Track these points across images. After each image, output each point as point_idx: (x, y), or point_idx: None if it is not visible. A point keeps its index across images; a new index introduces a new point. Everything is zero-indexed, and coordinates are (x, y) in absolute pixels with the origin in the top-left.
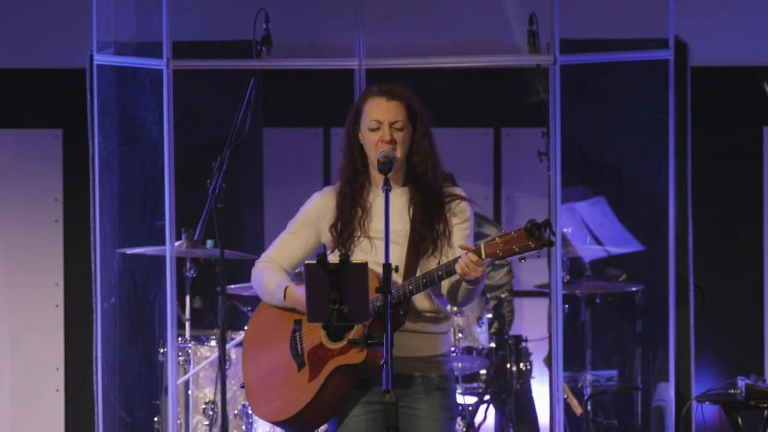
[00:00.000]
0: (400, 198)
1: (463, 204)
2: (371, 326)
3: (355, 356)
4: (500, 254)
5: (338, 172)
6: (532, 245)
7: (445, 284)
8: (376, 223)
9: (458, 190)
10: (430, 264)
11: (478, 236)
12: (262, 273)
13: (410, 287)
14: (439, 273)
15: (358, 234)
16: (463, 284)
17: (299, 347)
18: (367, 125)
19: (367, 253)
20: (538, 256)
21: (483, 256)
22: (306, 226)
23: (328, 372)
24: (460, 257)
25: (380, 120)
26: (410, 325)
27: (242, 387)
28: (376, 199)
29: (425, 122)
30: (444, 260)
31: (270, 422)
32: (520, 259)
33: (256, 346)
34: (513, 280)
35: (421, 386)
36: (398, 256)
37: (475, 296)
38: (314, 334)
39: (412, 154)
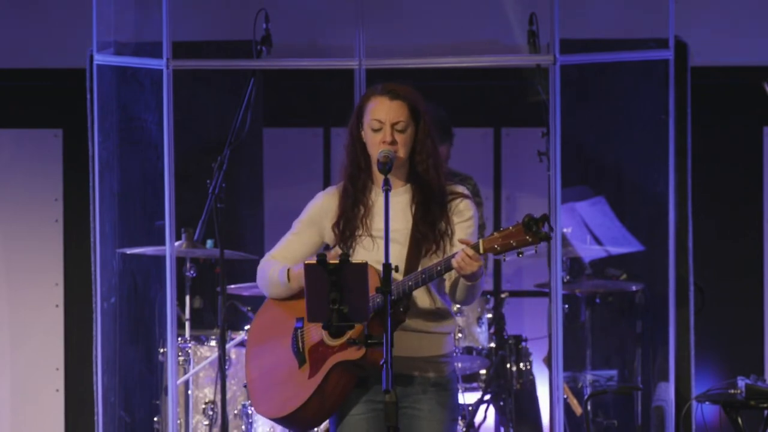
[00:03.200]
0: (402, 197)
1: (466, 202)
2: (371, 325)
3: (355, 352)
4: (498, 249)
5: (341, 170)
6: (530, 240)
7: (447, 281)
8: (378, 222)
9: (460, 188)
10: (431, 263)
11: None
12: (265, 267)
13: (410, 283)
14: (438, 268)
15: (360, 232)
16: (462, 280)
17: (300, 344)
18: (369, 125)
19: (369, 251)
20: (536, 252)
21: (481, 250)
22: (309, 226)
23: (328, 368)
24: (457, 252)
25: (382, 120)
26: (413, 325)
27: (245, 386)
28: (378, 197)
29: (428, 122)
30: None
31: (271, 419)
32: (518, 254)
33: (259, 344)
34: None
35: (423, 386)
36: (399, 255)
37: (476, 293)
38: (316, 332)
39: (415, 153)
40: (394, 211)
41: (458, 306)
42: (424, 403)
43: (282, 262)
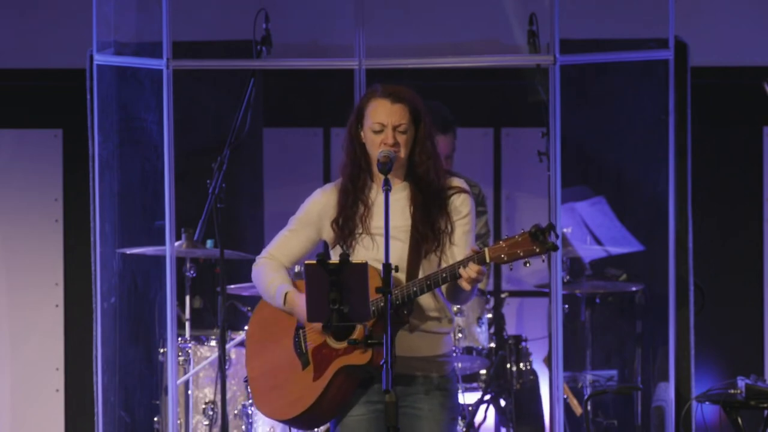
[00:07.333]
0: (401, 194)
1: (463, 197)
2: (374, 326)
3: (361, 357)
4: (505, 258)
5: (340, 169)
6: (537, 250)
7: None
8: (377, 220)
9: (458, 181)
10: (432, 261)
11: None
12: (263, 272)
13: (414, 289)
14: (443, 275)
15: (359, 230)
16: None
17: (303, 345)
18: (370, 127)
19: (369, 250)
20: (543, 261)
21: (487, 260)
22: (306, 224)
23: (333, 372)
24: (463, 261)
25: (384, 123)
26: (413, 324)
27: (246, 381)
28: (377, 196)
29: (428, 123)
30: (445, 257)
31: (275, 420)
32: (524, 263)
33: (259, 342)
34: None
35: (422, 386)
36: (400, 252)
37: (471, 296)
38: (318, 333)
39: (414, 154)
40: (393, 208)
41: (458, 306)
42: (424, 403)
43: (280, 269)
